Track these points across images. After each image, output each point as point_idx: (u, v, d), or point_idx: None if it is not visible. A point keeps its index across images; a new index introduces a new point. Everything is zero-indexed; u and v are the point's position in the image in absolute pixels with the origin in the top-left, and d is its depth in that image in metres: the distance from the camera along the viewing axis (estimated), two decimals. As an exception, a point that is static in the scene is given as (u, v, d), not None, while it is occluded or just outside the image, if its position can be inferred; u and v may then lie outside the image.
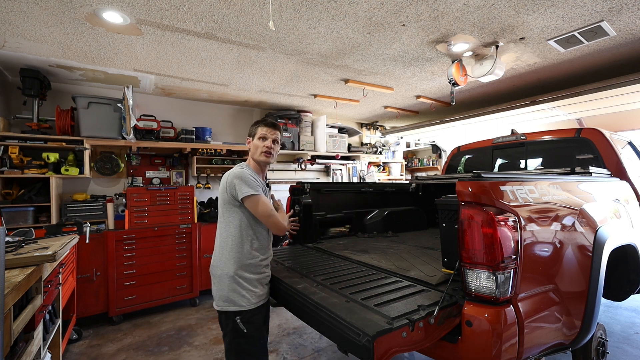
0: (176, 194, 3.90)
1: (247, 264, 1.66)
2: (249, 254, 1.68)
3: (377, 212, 3.24)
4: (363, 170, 6.20)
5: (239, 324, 1.61)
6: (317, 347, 2.85)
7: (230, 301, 1.62)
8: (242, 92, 4.27)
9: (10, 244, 2.00)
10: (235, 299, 1.62)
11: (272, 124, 1.83)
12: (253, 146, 1.81)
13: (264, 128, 1.80)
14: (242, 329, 1.61)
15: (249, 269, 1.66)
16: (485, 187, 1.44)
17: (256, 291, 1.67)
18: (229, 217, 1.70)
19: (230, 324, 1.63)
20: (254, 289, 1.66)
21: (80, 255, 3.26)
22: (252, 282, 1.66)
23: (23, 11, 2.26)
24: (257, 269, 1.69)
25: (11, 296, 1.34)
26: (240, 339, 1.62)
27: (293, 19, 2.43)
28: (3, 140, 3.14)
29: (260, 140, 1.79)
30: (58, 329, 2.33)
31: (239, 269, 1.64)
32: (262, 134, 1.79)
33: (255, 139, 1.80)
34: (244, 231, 1.68)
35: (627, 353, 2.65)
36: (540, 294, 1.52)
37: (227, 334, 1.65)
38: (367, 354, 1.07)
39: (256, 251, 1.70)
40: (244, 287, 1.64)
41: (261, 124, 1.81)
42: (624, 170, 2.60)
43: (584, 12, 2.40)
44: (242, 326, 1.61)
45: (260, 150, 1.78)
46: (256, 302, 1.66)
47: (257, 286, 1.68)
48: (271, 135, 1.80)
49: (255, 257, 1.69)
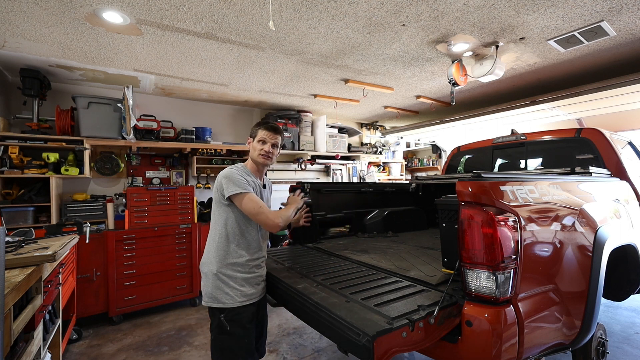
0: (176, 194, 3.90)
1: (232, 262, 1.69)
2: (235, 253, 1.70)
3: (377, 212, 3.24)
4: (363, 170, 6.20)
5: (222, 321, 1.64)
6: (317, 347, 2.85)
7: (214, 298, 1.66)
8: (242, 92, 4.27)
9: (10, 244, 2.00)
10: (219, 297, 1.65)
11: (273, 128, 1.83)
12: (252, 147, 1.83)
13: (265, 132, 1.81)
14: (225, 326, 1.63)
15: (234, 267, 1.69)
16: (485, 187, 1.44)
17: (243, 290, 1.68)
18: (218, 216, 1.74)
19: (215, 320, 1.66)
20: (240, 287, 1.67)
21: (80, 255, 3.26)
22: (238, 280, 1.68)
23: (23, 11, 2.26)
24: (244, 267, 1.71)
25: (11, 296, 1.34)
26: (224, 336, 1.65)
27: (293, 19, 2.43)
28: (3, 140, 3.14)
29: (260, 144, 1.80)
30: (58, 329, 2.33)
31: (223, 267, 1.67)
32: (262, 137, 1.81)
33: (255, 141, 1.82)
34: (230, 229, 1.71)
35: (627, 353, 2.65)
36: (540, 294, 1.52)
37: (213, 330, 1.69)
38: (367, 354, 1.07)
39: (243, 250, 1.72)
40: (228, 285, 1.66)
41: (262, 127, 1.82)
42: (624, 170, 2.60)
43: (584, 12, 2.40)
44: (225, 324, 1.63)
45: (257, 152, 1.80)
46: (242, 300, 1.67)
47: (245, 285, 1.69)
48: (271, 139, 1.81)
49: (241, 256, 1.71)
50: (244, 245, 1.73)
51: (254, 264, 1.75)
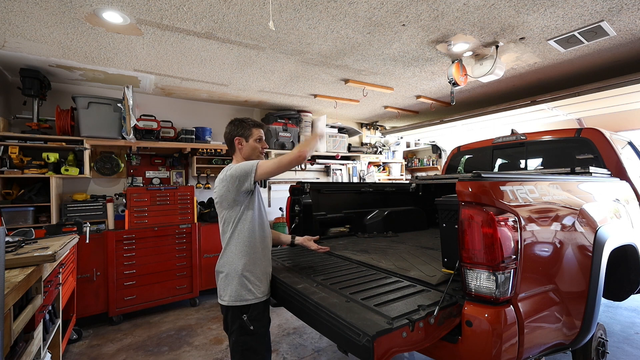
0: (176, 194, 3.90)
1: (254, 259, 1.69)
2: (257, 249, 1.71)
3: (377, 212, 3.24)
4: (363, 170, 6.20)
5: (245, 321, 1.63)
6: (317, 347, 2.85)
7: (240, 297, 1.64)
8: (242, 92, 4.27)
9: (10, 244, 2.00)
10: (244, 294, 1.65)
11: (261, 124, 1.89)
12: (250, 147, 1.83)
13: (260, 130, 1.86)
14: (248, 326, 1.63)
15: (255, 264, 1.70)
16: (485, 187, 1.44)
17: (262, 286, 1.70)
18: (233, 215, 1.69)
19: (236, 322, 1.65)
20: (259, 283, 1.69)
21: (80, 255, 3.26)
22: (258, 276, 1.70)
23: (23, 11, 2.26)
24: (262, 262, 1.73)
25: (11, 296, 1.34)
26: (247, 337, 1.64)
27: (293, 19, 2.43)
28: (3, 140, 3.14)
29: (258, 142, 1.83)
30: (58, 329, 2.33)
31: (249, 265, 1.67)
32: (259, 135, 1.84)
33: (252, 141, 1.83)
34: (250, 226, 1.70)
35: (627, 353, 2.65)
36: (540, 294, 1.52)
37: (233, 332, 1.65)
38: (367, 354, 1.07)
39: (261, 245, 1.73)
40: (251, 281, 1.67)
41: (254, 126, 1.84)
42: (624, 170, 2.60)
43: (584, 12, 2.40)
44: (248, 324, 1.63)
45: (259, 151, 1.84)
46: (261, 296, 1.69)
47: (263, 281, 1.72)
48: (263, 136, 1.88)
49: (259, 251, 1.72)
50: (261, 240, 1.74)
51: (267, 259, 1.78)
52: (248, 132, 1.82)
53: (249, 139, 1.82)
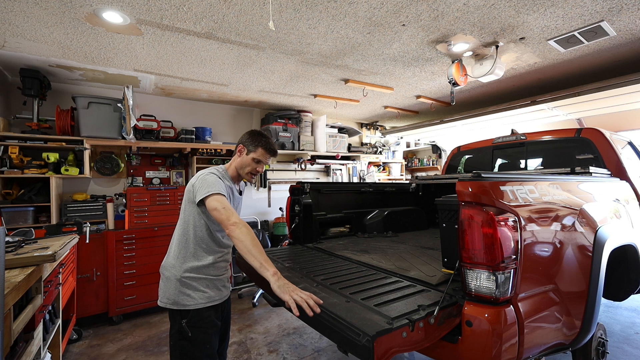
0: (176, 194, 3.91)
1: (196, 265, 1.61)
2: (200, 255, 1.62)
3: (377, 212, 3.24)
4: (363, 170, 6.20)
5: (184, 326, 1.55)
6: (317, 347, 2.85)
7: (175, 301, 1.57)
8: (242, 92, 4.27)
9: (10, 244, 2.00)
10: (181, 299, 1.56)
11: (274, 152, 1.78)
12: (244, 161, 1.74)
13: (267, 155, 1.74)
14: (187, 332, 1.55)
15: (198, 270, 1.60)
16: (485, 187, 1.44)
17: (206, 293, 1.60)
18: (185, 216, 1.65)
19: (175, 325, 1.58)
20: (203, 290, 1.59)
21: (80, 255, 3.26)
22: (202, 283, 1.60)
23: (23, 11, 2.26)
24: (208, 270, 1.63)
25: (11, 296, 1.34)
26: (185, 342, 1.56)
27: (293, 19, 2.43)
28: (3, 140, 3.14)
29: (254, 162, 1.73)
30: (58, 329, 2.34)
31: (187, 271, 1.59)
32: (260, 157, 1.73)
33: (250, 156, 1.73)
34: (196, 231, 1.62)
35: (627, 353, 2.65)
36: (540, 294, 1.52)
37: (172, 335, 1.59)
38: (367, 354, 1.07)
39: (208, 253, 1.64)
40: (191, 286, 1.58)
41: (266, 149, 1.74)
42: (624, 170, 2.60)
43: (584, 12, 2.40)
44: (187, 329, 1.55)
45: (247, 170, 1.74)
46: (204, 302, 1.59)
47: (208, 288, 1.62)
48: (266, 161, 1.77)
49: (205, 259, 1.63)
50: (209, 248, 1.64)
51: (218, 266, 1.68)
52: (254, 147, 1.73)
53: (250, 153, 1.74)
